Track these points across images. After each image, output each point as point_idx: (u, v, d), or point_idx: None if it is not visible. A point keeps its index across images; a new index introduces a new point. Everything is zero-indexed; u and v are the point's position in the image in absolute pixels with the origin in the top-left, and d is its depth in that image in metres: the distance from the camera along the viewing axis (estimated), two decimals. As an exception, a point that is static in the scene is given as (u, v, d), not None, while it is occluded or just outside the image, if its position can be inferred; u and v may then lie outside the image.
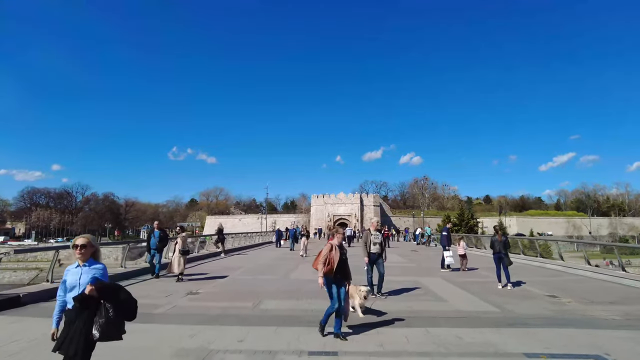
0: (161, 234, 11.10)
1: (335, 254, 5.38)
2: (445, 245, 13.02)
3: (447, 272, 12.32)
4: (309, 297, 8.14)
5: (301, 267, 13.60)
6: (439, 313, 6.81)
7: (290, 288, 9.28)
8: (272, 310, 6.93)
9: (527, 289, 9.31)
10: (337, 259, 5.34)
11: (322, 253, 5.45)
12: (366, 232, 8.25)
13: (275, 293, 8.60)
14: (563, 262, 13.51)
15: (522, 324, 6.04)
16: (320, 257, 5.45)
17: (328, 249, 5.42)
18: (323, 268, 5.33)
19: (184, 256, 10.42)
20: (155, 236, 11.02)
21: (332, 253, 5.39)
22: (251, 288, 9.30)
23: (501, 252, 9.78)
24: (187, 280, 10.30)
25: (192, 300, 7.90)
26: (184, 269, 10.49)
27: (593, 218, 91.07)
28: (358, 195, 78.04)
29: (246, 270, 12.77)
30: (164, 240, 11.19)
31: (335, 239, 5.60)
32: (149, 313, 6.72)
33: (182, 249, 10.45)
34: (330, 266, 5.30)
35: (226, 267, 13.73)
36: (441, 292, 8.68)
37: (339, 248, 5.49)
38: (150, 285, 9.69)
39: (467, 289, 9.17)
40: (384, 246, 8.32)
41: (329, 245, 5.49)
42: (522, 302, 7.69)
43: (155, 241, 10.93)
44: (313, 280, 10.50)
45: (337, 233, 5.69)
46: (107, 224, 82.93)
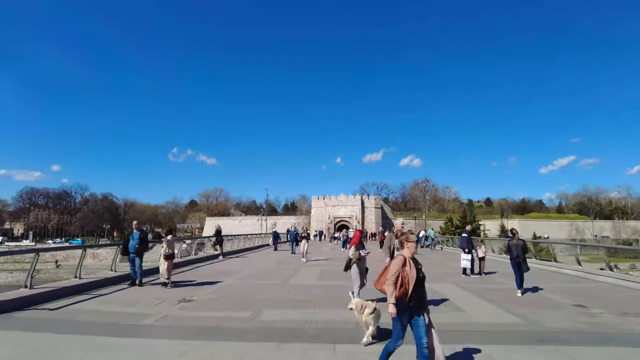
0: (141, 236, 9.85)
1: (411, 271, 3.92)
2: (465, 248, 12.27)
3: (462, 278, 11.56)
4: (313, 305, 7.42)
5: (302, 271, 12.86)
6: (460, 326, 6.08)
7: (292, 295, 8.55)
8: (273, 322, 6.20)
9: (548, 297, 8.58)
10: (413, 277, 3.89)
11: (391, 269, 3.99)
12: (389, 235, 7.24)
13: (276, 301, 7.87)
14: (580, 267, 12.77)
15: (554, 340, 5.32)
16: (388, 274, 4.00)
17: (400, 263, 3.95)
18: (395, 290, 3.87)
19: (168, 260, 9.44)
20: (134, 238, 9.77)
21: (407, 269, 3.92)
22: (250, 295, 8.57)
23: (520, 257, 9.19)
24: (183, 286, 9.56)
25: (184, 309, 7.17)
26: (170, 275, 9.52)
27: (596, 221, 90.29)
28: (359, 197, 77.32)
29: (245, 275, 12.03)
30: (144, 243, 9.90)
31: (407, 249, 4.08)
32: (135, 325, 6.02)
33: (166, 253, 9.47)
34: (404, 288, 3.87)
35: (224, 271, 13.00)
36: (457, 301, 7.95)
37: (413, 262, 4.02)
38: (139, 291, 8.96)
39: (484, 297, 8.44)
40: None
41: (400, 259, 4.00)
42: (548, 313, 6.96)
43: (135, 244, 9.72)
44: (316, 286, 9.91)
45: (409, 241, 4.11)
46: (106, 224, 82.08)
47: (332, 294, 8.66)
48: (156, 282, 9.95)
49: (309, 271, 12.85)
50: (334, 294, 8.65)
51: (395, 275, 3.89)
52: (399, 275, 3.89)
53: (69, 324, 6.01)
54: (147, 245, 10.07)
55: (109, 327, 5.82)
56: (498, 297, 8.47)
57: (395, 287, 3.87)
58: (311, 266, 14.57)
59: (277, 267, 14.50)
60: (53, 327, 5.81)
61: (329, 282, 10.60)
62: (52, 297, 7.69)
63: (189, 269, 13.51)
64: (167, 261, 9.37)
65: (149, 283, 9.93)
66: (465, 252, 12.09)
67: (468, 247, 12.19)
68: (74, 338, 5.28)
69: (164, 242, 9.71)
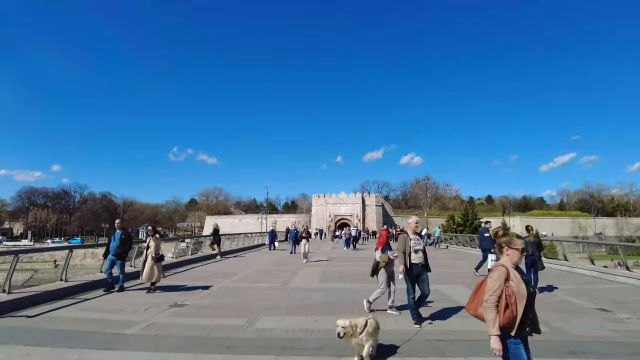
0: (122, 236, 8.77)
1: (519, 286, 2.78)
2: (489, 248, 11.58)
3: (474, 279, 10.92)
4: (314, 311, 6.82)
5: (302, 273, 12.25)
6: (476, 335, 5.46)
7: (291, 300, 7.95)
8: (270, 331, 5.61)
9: (568, 300, 7.98)
10: (523, 295, 2.76)
11: (489, 285, 2.85)
12: (403, 235, 6.13)
13: (274, 306, 7.28)
14: (594, 266, 12.16)
15: (586, 352, 4.73)
16: (485, 292, 2.86)
17: (502, 277, 2.81)
18: (497, 316, 2.76)
19: (158, 263, 8.64)
20: (115, 238, 8.75)
21: (512, 285, 2.79)
22: (245, 299, 7.98)
23: (534, 255, 8.76)
24: (175, 289, 8.96)
25: (174, 315, 6.58)
26: (160, 279, 8.80)
27: (598, 218, 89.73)
28: (360, 195, 76.75)
29: (241, 277, 11.44)
30: (127, 244, 8.86)
31: (508, 256, 2.94)
32: (116, 334, 5.43)
33: (156, 255, 8.62)
34: (511, 311, 2.74)
35: (220, 272, 12.41)
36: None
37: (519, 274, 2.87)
38: (127, 297, 8.33)
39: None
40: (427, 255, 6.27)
41: (501, 271, 2.84)
42: (571, 319, 6.36)
43: (116, 245, 8.68)
44: (318, 289, 9.19)
45: (512, 246, 2.94)
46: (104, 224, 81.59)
47: (335, 298, 8.07)
48: (139, 287, 9.02)
49: (310, 273, 12.25)
50: (337, 298, 8.07)
51: (497, 294, 2.77)
52: (502, 294, 2.77)
53: (44, 334, 5.43)
54: (129, 247, 9.06)
55: (88, 338, 5.23)
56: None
57: (499, 311, 2.76)
58: (312, 267, 13.98)
59: (276, 268, 13.91)
60: (27, 337, 5.22)
61: (331, 284, 10.02)
62: (33, 303, 7.10)
63: (183, 269, 12.93)
64: (157, 264, 8.61)
65: (131, 288, 9.05)
66: (492, 252, 11.39)
67: (493, 247, 11.57)
68: (46, 352, 4.70)
69: (151, 242, 8.77)
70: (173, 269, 12.72)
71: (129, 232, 9.36)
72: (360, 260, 17.24)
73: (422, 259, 6.08)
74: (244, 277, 11.49)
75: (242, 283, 10.31)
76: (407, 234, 6.19)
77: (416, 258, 6.01)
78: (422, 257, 6.08)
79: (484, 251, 11.82)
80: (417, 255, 6.02)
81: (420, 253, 6.08)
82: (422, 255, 6.10)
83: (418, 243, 6.13)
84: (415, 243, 6.10)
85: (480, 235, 12.56)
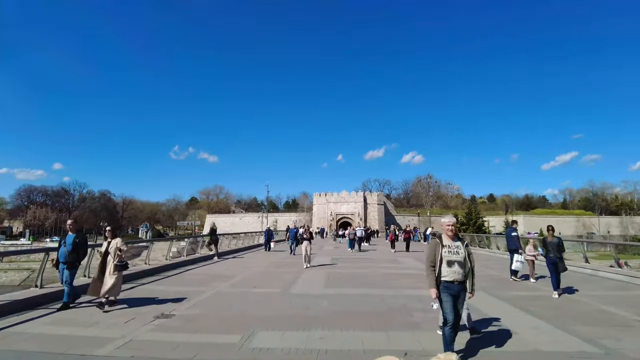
0: (76, 240, 7.04)
1: None
2: (517, 249, 10.67)
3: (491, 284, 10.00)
4: (321, 324, 5.91)
5: (305, 276, 11.32)
6: (510, 356, 4.57)
7: (293, 310, 7.04)
8: (268, 352, 4.70)
9: (605, 310, 7.03)
10: None
11: None
12: (434, 241, 4.49)
13: (274, 318, 6.37)
14: (620, 269, 11.23)
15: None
16: None
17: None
18: None
19: (119, 273, 7.06)
20: (66, 243, 7.00)
21: None
22: (242, 309, 7.06)
23: (555, 256, 8.42)
24: (161, 298, 8.05)
25: (158, 329, 5.68)
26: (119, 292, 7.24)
27: (602, 217, 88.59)
28: (361, 194, 75.83)
29: (239, 281, 10.52)
30: (81, 249, 7.14)
31: None
32: (85, 356, 4.53)
33: (120, 262, 6.99)
34: None
35: (215, 275, 11.50)
36: (499, 317, 6.41)
37: None
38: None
39: (528, 310, 6.92)
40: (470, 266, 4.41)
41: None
42: (622, 335, 5.42)
43: (66, 250, 6.95)
44: (323, 296, 8.16)
45: None
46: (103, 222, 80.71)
47: (342, 307, 7.15)
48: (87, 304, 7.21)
49: (313, 276, 11.33)
50: (346, 307, 7.14)
51: None
52: None
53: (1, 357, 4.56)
54: (84, 253, 7.36)
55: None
56: (545, 310, 6.95)
57: None
58: (315, 270, 13.05)
59: (275, 270, 12.98)
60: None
61: (337, 290, 9.10)
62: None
63: (177, 272, 12.03)
64: (118, 274, 7.03)
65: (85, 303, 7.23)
66: (519, 253, 10.50)
67: (520, 246, 10.71)
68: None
69: (111, 245, 7.09)
70: (166, 272, 11.84)
71: (84, 235, 7.88)
72: (366, 261, 16.33)
73: (461, 275, 4.28)
74: (241, 280, 10.58)
75: (239, 288, 9.40)
76: (441, 239, 4.45)
77: (451, 274, 4.26)
78: (460, 273, 4.27)
79: (512, 252, 10.90)
80: (450, 270, 4.27)
81: (456, 266, 4.28)
82: (459, 270, 4.28)
83: (455, 252, 4.34)
84: (453, 252, 4.34)
85: (507, 235, 11.62)
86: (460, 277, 4.28)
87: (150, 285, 9.22)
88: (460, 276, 4.28)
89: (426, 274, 4.44)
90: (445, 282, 4.27)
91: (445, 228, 4.49)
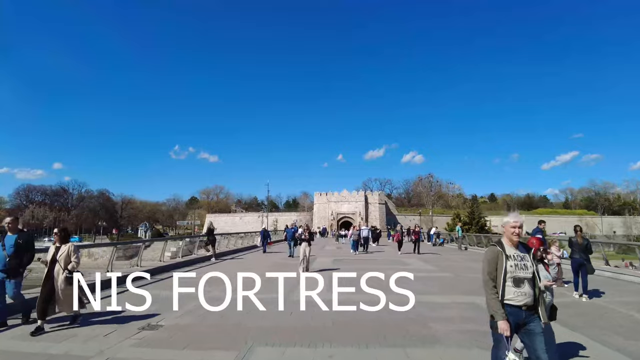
0: (19, 241, 5.73)
1: None
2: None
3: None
4: (327, 337, 5.20)
5: (306, 281, 10.60)
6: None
7: (296, 319, 6.33)
8: (268, 375, 4.00)
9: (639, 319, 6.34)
10: None
11: None
12: (493, 250, 3.24)
13: (273, 329, 5.66)
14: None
15: None
16: None
17: None
18: None
19: (71, 285, 5.54)
20: (5, 246, 5.66)
21: None
22: (238, 318, 6.35)
23: (582, 258, 8.08)
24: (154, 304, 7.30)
25: (141, 344, 4.97)
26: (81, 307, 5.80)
27: (605, 217, 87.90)
28: (362, 193, 75.21)
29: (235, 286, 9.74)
30: (26, 251, 5.85)
31: None
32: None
33: (71, 273, 5.55)
34: None
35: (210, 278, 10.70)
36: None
37: None
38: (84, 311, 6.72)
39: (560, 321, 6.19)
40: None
41: None
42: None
43: (6, 255, 5.62)
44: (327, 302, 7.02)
45: None
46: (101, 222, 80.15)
47: (349, 316, 6.42)
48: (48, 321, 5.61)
49: (316, 280, 10.60)
50: (353, 316, 6.41)
51: None
52: None
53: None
54: (30, 258, 5.96)
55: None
56: (576, 320, 6.26)
57: None
58: (315, 273, 12.32)
59: (275, 274, 12.00)
60: None
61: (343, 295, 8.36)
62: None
63: (170, 275, 11.30)
64: (71, 287, 5.56)
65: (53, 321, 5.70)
66: None
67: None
68: None
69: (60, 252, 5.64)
70: (158, 275, 11.14)
71: (28, 234, 6.49)
72: (372, 263, 15.59)
73: (529, 297, 3.09)
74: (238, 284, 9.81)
75: (236, 293, 8.63)
76: (502, 246, 3.19)
77: (517, 295, 3.07)
78: (529, 294, 3.09)
79: None
80: (518, 290, 3.07)
81: (526, 286, 3.08)
82: (529, 290, 3.09)
83: (523, 265, 3.11)
84: (517, 265, 3.10)
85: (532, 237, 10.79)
86: (530, 301, 3.08)
87: (139, 290, 8.46)
88: (530, 299, 3.08)
89: (487, 298, 3.12)
90: (509, 306, 3.07)
91: (510, 231, 3.19)
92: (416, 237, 19.71)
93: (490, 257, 3.18)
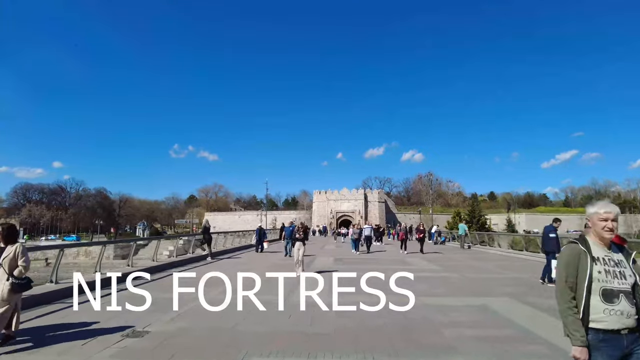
0: None
1: None
2: (554, 251, 9.39)
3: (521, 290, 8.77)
4: (329, 344, 4.69)
5: (304, 282, 10.07)
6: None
7: (295, 324, 5.80)
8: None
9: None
10: None
11: None
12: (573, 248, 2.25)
13: (270, 335, 5.14)
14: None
15: None
16: None
17: None
18: None
19: (18, 295, 4.66)
20: None
21: None
22: (231, 323, 5.82)
23: None
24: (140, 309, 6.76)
25: (122, 354, 4.44)
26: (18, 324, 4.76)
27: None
28: (362, 191, 74.76)
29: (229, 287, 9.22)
30: None
31: None
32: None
33: (18, 279, 4.50)
34: None
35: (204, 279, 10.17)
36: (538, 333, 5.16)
37: None
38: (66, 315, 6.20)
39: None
40: None
41: None
42: None
43: None
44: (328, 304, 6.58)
45: None
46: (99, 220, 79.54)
47: (353, 321, 5.88)
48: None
49: (315, 281, 10.07)
50: (356, 321, 5.88)
51: None
52: None
53: None
54: None
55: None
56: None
57: None
58: (315, 274, 11.79)
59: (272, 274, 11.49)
60: None
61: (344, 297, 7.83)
62: None
63: (162, 276, 10.79)
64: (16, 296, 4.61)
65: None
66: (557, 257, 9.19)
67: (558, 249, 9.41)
68: None
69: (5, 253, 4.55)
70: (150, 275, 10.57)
71: None
72: (374, 263, 15.06)
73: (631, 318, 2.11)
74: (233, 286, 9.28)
75: (230, 295, 8.11)
76: (587, 244, 2.25)
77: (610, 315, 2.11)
78: (630, 313, 2.11)
79: (548, 254, 9.63)
80: (611, 307, 2.11)
81: (622, 301, 2.10)
82: (628, 308, 2.11)
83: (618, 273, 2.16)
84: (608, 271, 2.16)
85: (544, 235, 10.25)
86: (632, 323, 2.12)
87: (127, 292, 7.91)
88: (632, 321, 2.12)
89: (561, 313, 2.23)
90: (600, 331, 2.12)
91: (600, 225, 2.24)
92: (420, 236, 19.16)
93: (569, 259, 2.25)
